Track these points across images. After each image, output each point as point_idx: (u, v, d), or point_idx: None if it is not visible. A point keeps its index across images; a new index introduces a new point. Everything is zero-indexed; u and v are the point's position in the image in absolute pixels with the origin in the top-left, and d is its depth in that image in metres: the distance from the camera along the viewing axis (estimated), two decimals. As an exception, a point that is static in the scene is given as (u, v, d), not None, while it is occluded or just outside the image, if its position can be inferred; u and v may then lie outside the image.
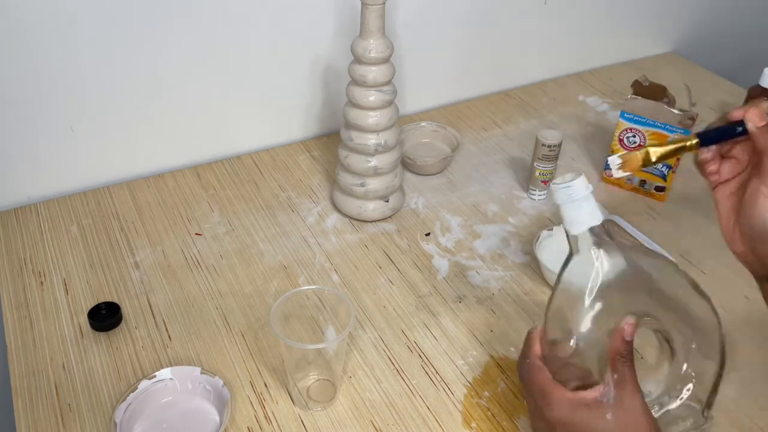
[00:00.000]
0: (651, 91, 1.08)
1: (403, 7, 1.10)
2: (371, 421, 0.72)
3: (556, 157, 1.00)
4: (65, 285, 0.86)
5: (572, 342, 0.59)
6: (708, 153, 0.60)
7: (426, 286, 0.88)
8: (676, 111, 0.97)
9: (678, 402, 0.63)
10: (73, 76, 0.93)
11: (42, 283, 0.86)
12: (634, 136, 1.01)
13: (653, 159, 0.61)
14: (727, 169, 0.61)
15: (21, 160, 0.96)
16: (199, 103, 1.04)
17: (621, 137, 1.03)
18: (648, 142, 0.79)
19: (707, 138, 0.60)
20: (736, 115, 0.58)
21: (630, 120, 1.01)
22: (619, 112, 1.03)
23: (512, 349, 0.80)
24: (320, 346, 0.72)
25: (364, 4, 0.82)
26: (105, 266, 0.89)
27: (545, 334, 0.63)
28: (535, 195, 1.03)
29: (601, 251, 0.60)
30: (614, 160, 0.61)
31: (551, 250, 0.89)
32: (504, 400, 0.74)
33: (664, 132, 0.99)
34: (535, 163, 1.00)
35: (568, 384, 0.59)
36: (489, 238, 0.96)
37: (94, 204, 0.99)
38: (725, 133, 0.59)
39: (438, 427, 0.71)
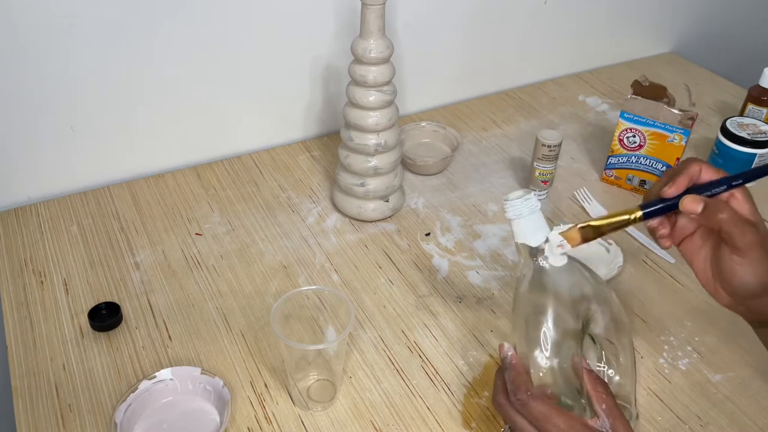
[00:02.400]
0: (651, 91, 1.08)
1: (403, 7, 1.10)
2: (371, 421, 0.72)
3: (556, 157, 1.00)
4: (65, 285, 0.86)
5: (545, 356, 0.60)
6: (654, 221, 0.61)
7: (426, 286, 0.88)
8: (676, 111, 0.97)
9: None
10: (73, 76, 0.93)
11: (42, 283, 0.86)
12: (634, 136, 1.01)
13: (594, 234, 0.61)
14: (680, 229, 0.62)
15: (21, 160, 0.96)
16: (199, 103, 1.04)
17: (621, 137, 1.03)
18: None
19: (650, 212, 0.60)
20: (669, 193, 0.59)
21: (630, 120, 1.01)
22: (619, 112, 1.03)
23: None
24: (320, 346, 0.72)
25: (364, 4, 0.82)
26: (105, 266, 0.89)
27: (519, 358, 0.62)
28: (535, 195, 1.03)
29: (555, 260, 0.62)
30: (555, 240, 0.61)
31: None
32: (504, 400, 0.74)
33: (664, 132, 0.99)
34: (535, 163, 1.00)
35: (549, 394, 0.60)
36: (489, 238, 0.96)
37: (94, 204, 0.99)
38: (667, 208, 0.60)
39: (438, 427, 0.71)
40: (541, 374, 0.60)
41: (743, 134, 1.03)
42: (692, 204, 0.58)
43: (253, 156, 1.11)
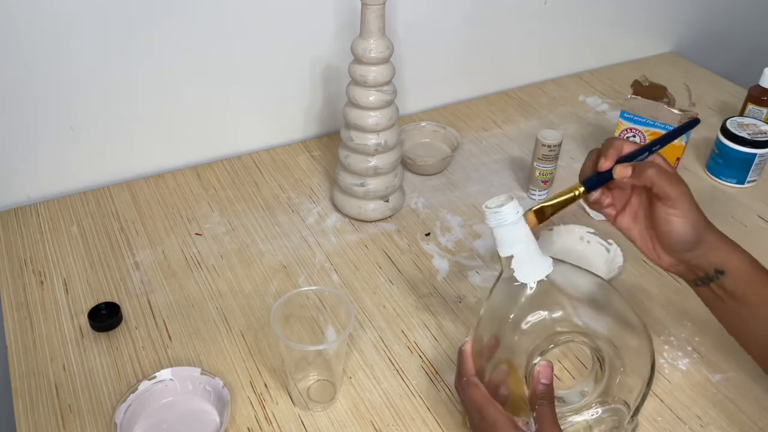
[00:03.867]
0: (651, 91, 1.08)
1: (403, 7, 1.10)
2: (371, 422, 0.72)
3: (556, 157, 1.00)
4: (65, 285, 0.86)
5: (501, 354, 0.61)
6: (596, 194, 0.69)
7: (426, 286, 0.88)
8: (676, 111, 0.97)
9: (603, 408, 0.65)
10: (73, 76, 0.93)
11: (42, 283, 0.86)
12: (634, 136, 1.01)
13: (548, 214, 0.66)
14: (618, 198, 0.70)
15: (21, 160, 0.96)
16: (199, 103, 1.04)
17: (621, 137, 1.02)
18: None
19: (591, 184, 0.68)
20: (605, 166, 0.67)
21: (630, 120, 1.01)
22: (619, 112, 1.03)
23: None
24: (320, 347, 0.72)
25: (364, 4, 0.82)
26: (105, 266, 0.89)
27: (474, 347, 0.64)
28: (535, 195, 1.03)
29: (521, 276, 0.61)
30: None
31: (551, 250, 0.89)
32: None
33: (664, 132, 0.99)
34: (535, 163, 1.00)
35: (500, 391, 0.61)
36: (489, 238, 0.96)
37: (94, 204, 0.99)
38: (605, 179, 0.67)
39: (438, 427, 0.71)
40: (485, 367, 0.62)
41: (743, 134, 1.03)
42: (623, 170, 0.66)
43: (253, 156, 1.11)
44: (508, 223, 0.60)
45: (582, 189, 0.67)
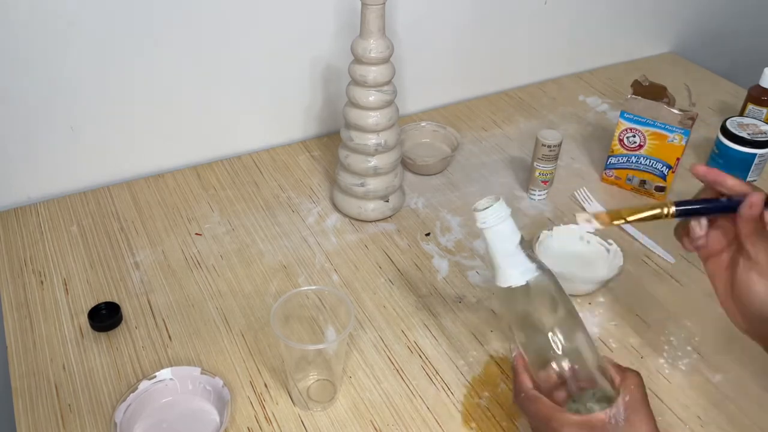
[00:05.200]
0: (651, 91, 1.08)
1: (403, 7, 1.10)
2: (371, 422, 0.72)
3: (556, 157, 1.00)
4: (65, 285, 0.86)
5: (551, 357, 0.61)
6: (698, 227, 0.58)
7: (426, 286, 0.88)
8: (676, 111, 0.97)
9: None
10: (73, 76, 0.93)
11: (42, 283, 0.86)
12: (634, 136, 1.01)
13: (627, 219, 0.59)
14: (715, 239, 0.59)
15: (21, 160, 0.96)
16: (199, 103, 1.04)
17: (621, 137, 1.03)
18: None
19: (686, 211, 0.57)
20: (732, 185, 0.55)
21: (630, 120, 1.01)
22: (619, 112, 1.03)
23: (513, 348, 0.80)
24: (320, 346, 0.72)
25: (364, 4, 0.82)
26: (105, 266, 0.89)
27: (522, 360, 0.64)
28: (535, 195, 1.03)
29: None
30: (583, 216, 0.60)
31: (551, 250, 0.89)
32: (504, 401, 0.74)
33: (664, 132, 0.99)
34: (535, 163, 1.00)
35: (557, 396, 0.60)
36: (489, 238, 0.96)
37: (94, 204, 0.99)
38: (706, 210, 0.57)
39: (438, 427, 0.71)
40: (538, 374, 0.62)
41: (743, 134, 1.03)
42: (757, 203, 0.53)
43: (253, 156, 1.11)
44: (496, 224, 0.60)
45: (672, 210, 0.57)
